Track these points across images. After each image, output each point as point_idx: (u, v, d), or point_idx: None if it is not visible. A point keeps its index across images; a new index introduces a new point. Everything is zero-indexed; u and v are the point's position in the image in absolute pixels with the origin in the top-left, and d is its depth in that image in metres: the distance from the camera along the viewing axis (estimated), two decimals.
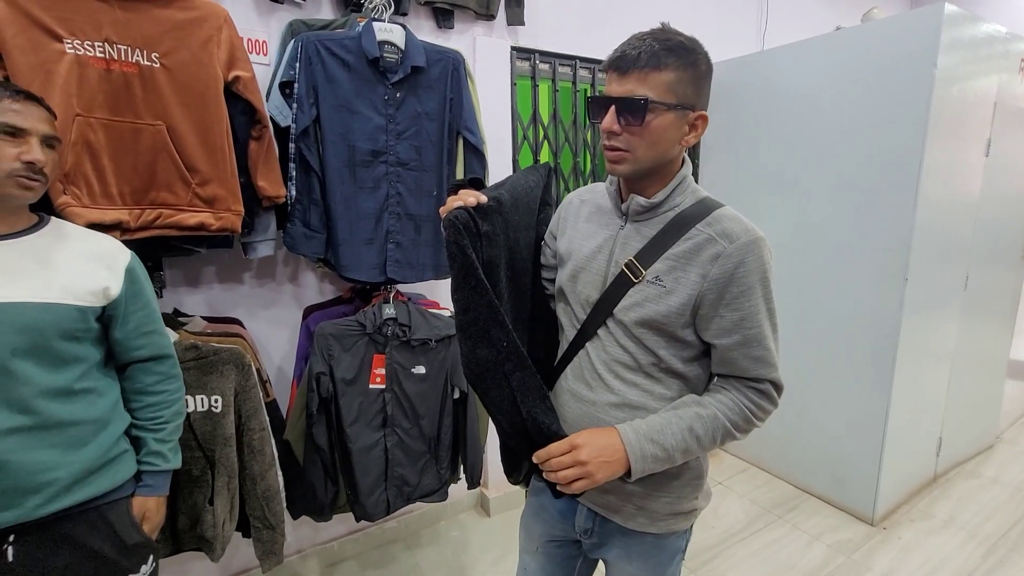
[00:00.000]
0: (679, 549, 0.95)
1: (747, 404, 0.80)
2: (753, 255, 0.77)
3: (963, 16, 1.83)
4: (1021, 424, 2.98)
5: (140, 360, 1.01)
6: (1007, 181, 2.30)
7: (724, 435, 0.80)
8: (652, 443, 0.77)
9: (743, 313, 0.77)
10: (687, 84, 0.75)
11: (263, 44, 1.50)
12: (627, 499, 0.87)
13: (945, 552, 1.95)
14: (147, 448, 1.01)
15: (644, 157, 0.78)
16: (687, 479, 0.88)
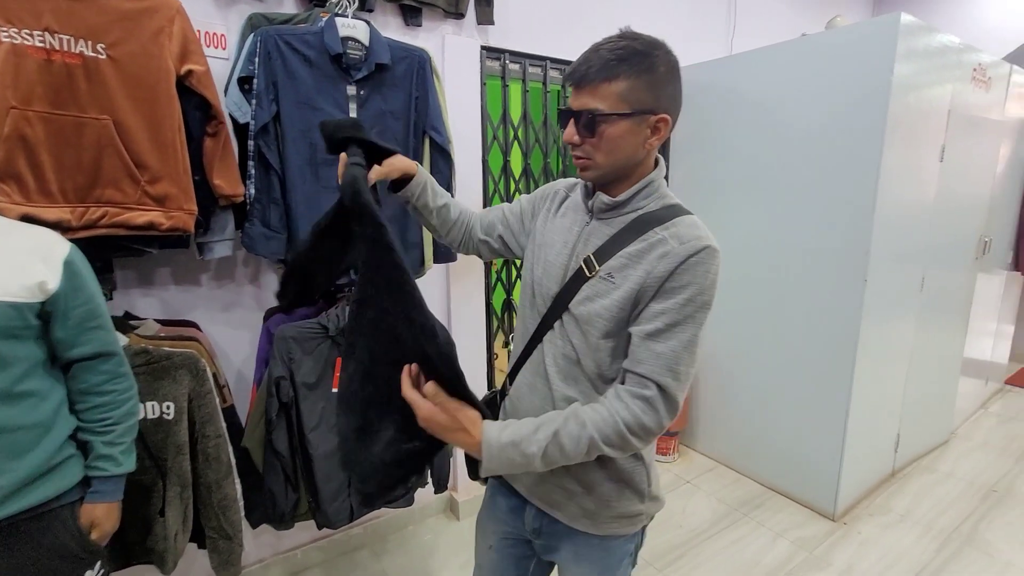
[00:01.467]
0: (627, 553, 0.95)
1: (624, 418, 0.75)
2: (697, 259, 0.76)
3: (919, 26, 1.89)
4: (974, 420, 3.11)
5: (84, 358, 0.96)
6: (960, 186, 2.38)
7: (593, 450, 0.76)
8: (512, 448, 0.75)
9: (667, 306, 0.76)
10: (642, 90, 0.76)
11: (221, 38, 1.45)
12: (569, 497, 0.89)
13: (902, 546, 2.01)
14: (95, 452, 0.97)
15: (604, 164, 0.80)
16: (621, 485, 0.88)
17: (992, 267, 2.92)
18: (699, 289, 0.76)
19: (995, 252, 2.89)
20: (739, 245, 2.38)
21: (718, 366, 2.55)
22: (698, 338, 0.77)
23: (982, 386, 3.24)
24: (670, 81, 0.79)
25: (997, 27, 3.22)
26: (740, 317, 2.42)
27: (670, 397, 0.76)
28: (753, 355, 2.39)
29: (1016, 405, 3.32)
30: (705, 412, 2.64)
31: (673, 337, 0.76)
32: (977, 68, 2.31)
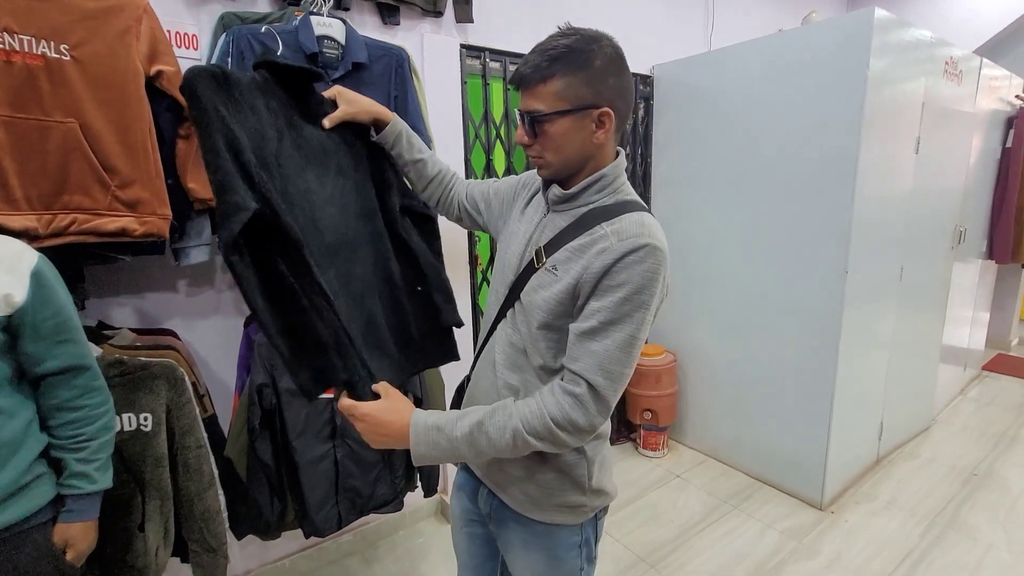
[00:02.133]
0: (574, 544, 0.94)
1: (552, 412, 0.75)
2: (635, 257, 0.74)
3: (892, 21, 1.92)
4: (954, 406, 3.18)
5: (55, 372, 0.92)
6: (935, 177, 2.43)
7: (519, 440, 0.76)
8: (437, 431, 0.78)
9: (603, 304, 0.75)
10: (579, 86, 0.76)
11: (193, 38, 1.41)
12: (513, 483, 0.90)
13: (888, 532, 2.04)
14: (69, 470, 0.93)
15: (555, 162, 0.82)
16: (562, 476, 0.88)
17: (967, 256, 2.99)
18: (635, 288, 0.75)
19: (970, 241, 2.95)
20: (722, 239, 2.39)
21: (704, 360, 2.57)
22: (637, 339, 0.76)
23: (961, 372, 3.31)
24: (611, 74, 0.78)
25: (967, 21, 3.29)
26: (725, 311, 2.43)
27: (600, 396, 0.75)
28: (738, 348, 2.41)
29: (993, 390, 3.40)
30: (693, 406, 2.66)
31: (608, 336, 0.75)
32: (949, 62, 2.35)
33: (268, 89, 0.93)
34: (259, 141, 0.86)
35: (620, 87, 0.80)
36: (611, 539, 2.02)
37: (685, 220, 2.54)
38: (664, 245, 0.78)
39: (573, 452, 0.87)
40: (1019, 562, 1.86)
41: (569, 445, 0.78)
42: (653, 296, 0.76)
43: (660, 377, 2.53)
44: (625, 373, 0.77)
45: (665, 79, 2.54)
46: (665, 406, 2.55)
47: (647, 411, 2.56)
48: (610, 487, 0.95)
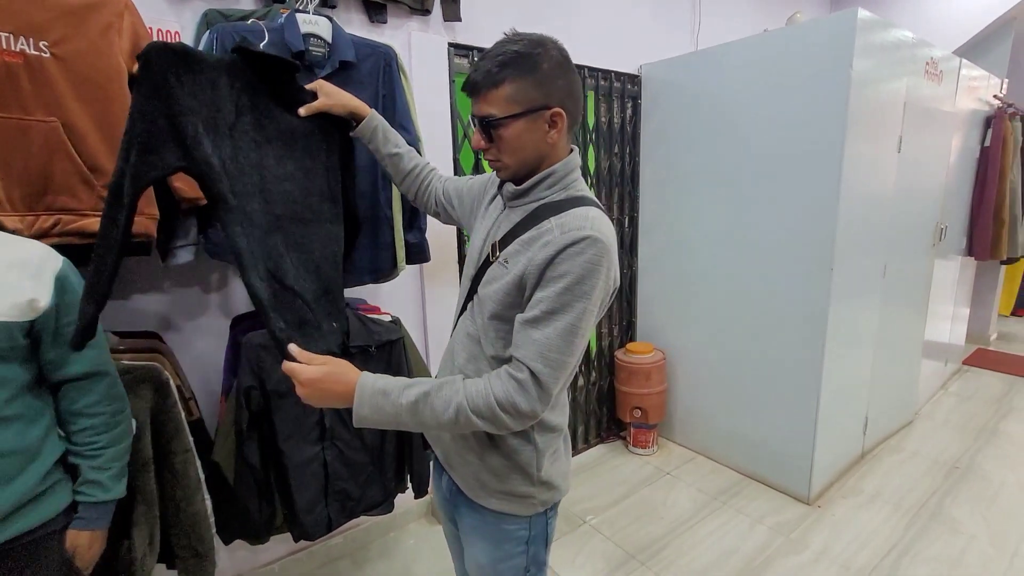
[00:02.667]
0: (520, 538, 0.95)
1: (496, 393, 0.78)
2: (575, 249, 0.77)
3: (875, 22, 1.95)
4: (936, 400, 3.24)
5: (75, 378, 0.92)
6: (916, 175, 2.48)
7: (461, 416, 0.79)
8: (383, 396, 0.80)
9: (545, 294, 0.78)
10: (530, 89, 0.80)
11: (175, 35, 1.39)
12: (466, 465, 0.94)
13: (873, 525, 2.07)
14: (83, 477, 0.93)
15: (513, 163, 0.86)
16: (511, 464, 0.90)
17: (948, 253, 3.05)
18: (576, 279, 0.77)
19: (951, 238, 3.01)
20: (710, 238, 2.41)
21: (693, 358, 2.59)
22: (579, 328, 0.78)
23: (942, 367, 3.38)
24: (559, 75, 0.82)
25: (947, 22, 3.35)
26: (713, 309, 2.46)
27: (541, 383, 0.78)
28: (726, 346, 2.43)
29: (973, 385, 3.47)
30: (682, 404, 2.68)
31: (549, 325, 0.78)
32: (930, 62, 2.40)
33: (236, 71, 1.00)
34: (213, 112, 0.95)
35: (568, 87, 0.84)
36: (602, 537, 2.03)
37: (673, 219, 2.56)
38: (607, 238, 0.80)
39: (524, 442, 0.90)
40: (1000, 553, 1.90)
41: (510, 427, 0.80)
42: (595, 287, 0.78)
43: (650, 375, 2.54)
44: (566, 361, 0.79)
45: (653, 79, 2.56)
46: (655, 404, 2.57)
47: (637, 409, 2.58)
48: (560, 482, 0.96)
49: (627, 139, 2.62)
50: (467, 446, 0.93)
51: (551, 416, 0.92)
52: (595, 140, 2.50)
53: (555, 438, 0.94)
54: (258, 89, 1.03)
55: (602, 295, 0.81)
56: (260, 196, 1.02)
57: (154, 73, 0.87)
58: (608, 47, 2.42)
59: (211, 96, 0.95)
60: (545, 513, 0.97)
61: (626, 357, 2.61)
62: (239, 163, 0.99)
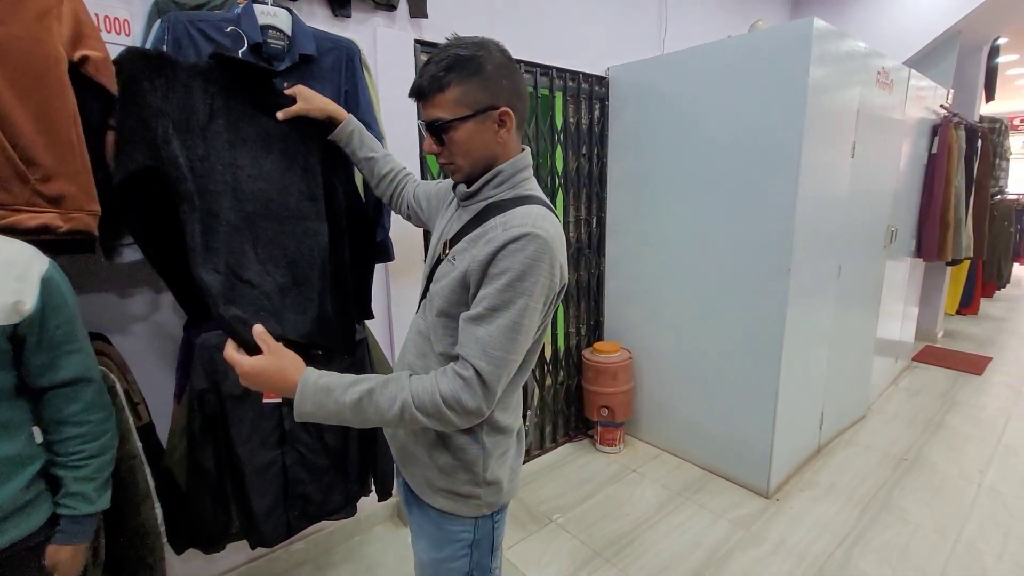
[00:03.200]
0: (466, 542, 0.95)
1: (442, 390, 0.78)
2: (516, 246, 0.78)
3: (830, 32, 2.02)
4: (888, 395, 3.39)
5: (61, 384, 0.88)
6: (869, 180, 2.58)
7: (406, 413, 0.79)
8: (325, 393, 0.80)
9: (488, 291, 0.79)
10: (476, 91, 0.82)
11: (124, 23, 1.33)
12: (415, 463, 0.95)
13: (828, 516, 2.15)
14: (66, 488, 0.90)
15: (465, 165, 0.87)
16: (456, 462, 0.91)
17: (899, 254, 3.19)
18: (517, 275, 0.77)
19: (901, 240, 3.16)
20: (674, 239, 2.46)
21: (659, 357, 2.64)
22: (520, 325, 0.78)
23: (893, 364, 3.54)
24: (503, 76, 0.83)
25: (897, 34, 3.51)
26: (677, 309, 2.50)
27: (485, 381, 0.78)
28: (689, 345, 2.48)
29: (921, 380, 3.65)
30: (648, 402, 2.72)
31: (491, 322, 0.78)
32: (881, 72, 2.50)
33: (212, 76, 1.07)
34: (185, 114, 1.03)
35: (514, 87, 0.85)
36: (568, 535, 2.05)
37: (639, 220, 2.60)
38: (549, 234, 0.80)
39: (471, 441, 0.90)
40: (944, 540, 2.00)
41: (456, 425, 0.81)
42: (536, 283, 0.78)
43: (616, 374, 2.58)
44: (508, 359, 0.79)
45: (620, 80, 2.59)
46: (621, 403, 2.60)
47: (604, 408, 2.60)
48: (507, 484, 0.96)
49: (595, 140, 2.64)
50: (416, 443, 0.94)
51: (501, 416, 0.92)
52: (563, 141, 2.51)
53: (505, 439, 0.94)
54: (233, 93, 1.09)
55: (546, 292, 0.81)
56: (232, 194, 1.08)
57: (126, 77, 0.95)
58: (576, 48, 2.44)
59: (184, 99, 1.03)
60: (491, 516, 0.97)
61: (593, 356, 2.64)
62: (210, 162, 1.05)
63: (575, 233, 2.63)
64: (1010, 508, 2.19)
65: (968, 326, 4.99)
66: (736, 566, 1.88)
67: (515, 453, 0.99)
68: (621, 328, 2.79)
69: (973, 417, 3.06)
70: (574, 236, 2.62)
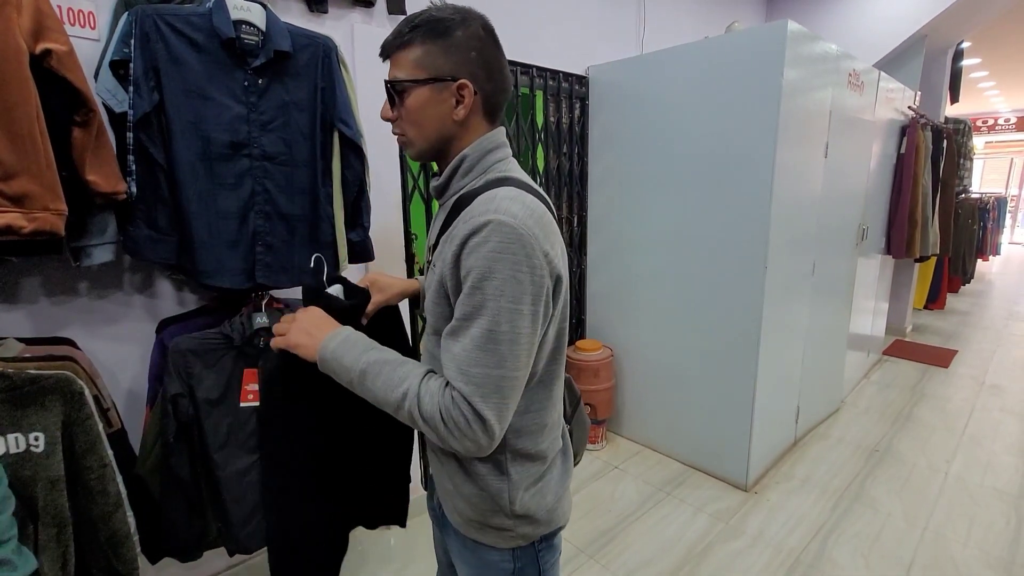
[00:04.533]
0: (507, 571, 0.84)
1: (446, 403, 0.68)
2: (477, 239, 0.66)
3: (804, 34, 2.06)
4: (859, 389, 3.48)
5: None
6: (841, 180, 2.65)
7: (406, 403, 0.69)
8: (351, 345, 0.75)
9: (460, 299, 0.68)
10: (437, 55, 0.73)
11: (89, 15, 1.28)
12: (445, 493, 0.86)
13: (804, 508, 2.21)
14: None
15: (417, 138, 0.78)
16: (484, 495, 0.80)
17: (869, 252, 3.28)
18: (481, 275, 0.65)
19: (871, 238, 3.25)
20: (653, 238, 2.48)
21: (639, 354, 2.66)
22: (498, 334, 0.65)
23: (864, 358, 3.64)
24: (473, 47, 0.74)
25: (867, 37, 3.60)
26: (657, 306, 2.53)
27: (473, 407, 0.66)
28: (669, 341, 2.51)
29: (892, 373, 3.76)
30: (629, 398, 2.75)
31: (465, 334, 0.67)
32: (852, 74, 2.56)
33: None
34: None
35: (484, 62, 0.75)
36: None
37: (619, 219, 2.61)
38: (519, 218, 0.66)
39: (495, 472, 0.79)
40: (913, 528, 2.07)
41: (451, 447, 0.70)
42: (510, 282, 0.65)
43: (598, 372, 2.59)
44: (491, 375, 0.66)
45: (599, 80, 2.60)
46: (603, 400, 2.62)
47: (586, 405, 2.62)
48: (545, 515, 0.83)
49: (575, 139, 2.65)
50: (444, 472, 0.84)
51: (526, 443, 0.79)
52: (544, 140, 2.51)
53: (537, 467, 0.81)
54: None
55: (530, 288, 0.66)
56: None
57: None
58: (557, 47, 2.44)
59: None
60: (533, 546, 0.84)
61: (575, 354, 2.65)
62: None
63: None
64: (974, 496, 2.27)
65: (935, 320, 5.16)
66: (716, 559, 1.91)
67: (559, 478, 0.85)
68: (602, 326, 2.81)
69: (940, 409, 3.17)
70: None
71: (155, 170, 1.20)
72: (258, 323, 1.33)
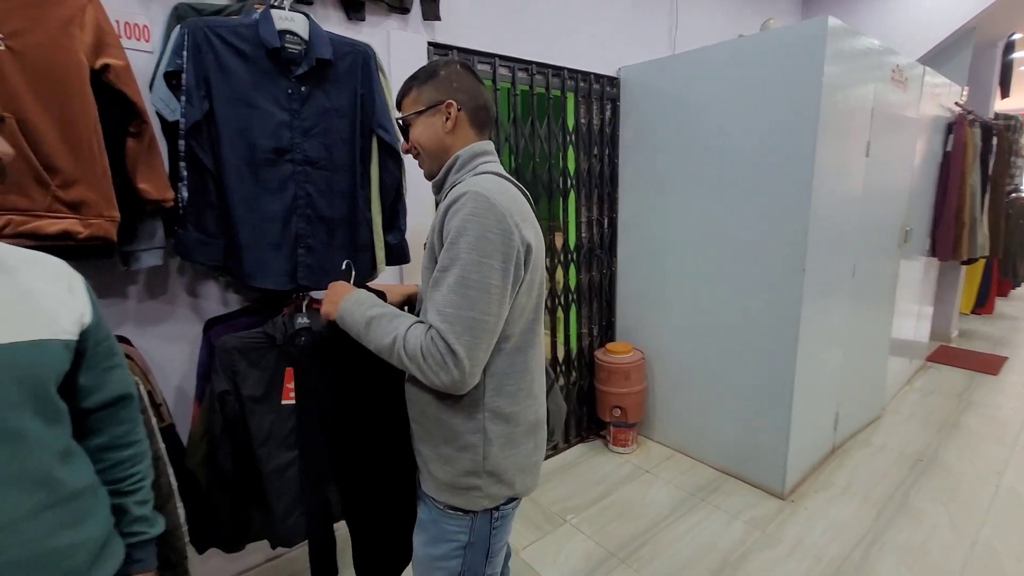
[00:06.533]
0: (459, 543, 0.98)
1: (424, 342, 0.83)
2: (457, 205, 0.83)
3: (844, 30, 2.00)
4: (902, 395, 3.35)
5: (104, 405, 0.81)
6: (884, 179, 2.56)
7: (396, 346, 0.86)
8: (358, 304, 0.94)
9: (440, 256, 0.84)
10: (428, 90, 0.96)
11: (144, 29, 1.35)
12: (425, 460, 0.99)
13: (844, 517, 2.14)
14: (130, 515, 0.83)
15: (426, 157, 0.99)
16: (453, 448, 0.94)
17: (913, 254, 3.16)
18: (458, 231, 0.81)
19: (915, 240, 3.12)
20: (686, 239, 2.45)
21: (671, 357, 2.63)
22: (469, 280, 0.80)
23: (908, 364, 3.50)
24: (454, 78, 0.97)
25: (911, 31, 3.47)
26: (690, 309, 2.49)
27: (447, 343, 0.81)
28: (702, 344, 2.47)
29: (936, 380, 3.61)
30: (660, 402, 2.71)
31: (443, 283, 0.82)
32: (895, 69, 2.48)
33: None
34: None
35: (463, 86, 0.96)
36: (582, 536, 2.04)
37: (651, 220, 2.59)
38: (492, 193, 0.83)
39: (474, 429, 0.92)
40: (960, 540, 1.98)
41: (432, 381, 0.84)
42: (482, 239, 0.80)
43: (629, 374, 2.57)
44: (462, 315, 0.80)
45: (631, 81, 2.58)
46: (634, 403, 2.60)
47: (616, 408, 2.60)
48: (511, 476, 0.96)
49: (606, 141, 2.64)
50: (429, 440, 0.97)
51: (503, 403, 0.93)
52: (574, 141, 2.51)
53: (509, 428, 0.94)
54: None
55: (500, 248, 0.82)
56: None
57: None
58: (587, 49, 2.43)
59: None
60: (490, 519, 0.97)
61: (605, 357, 2.63)
62: None
63: (587, 234, 2.63)
64: None
65: (983, 325, 4.92)
66: (752, 567, 1.87)
67: (529, 448, 0.98)
68: (633, 328, 2.78)
69: (989, 417, 3.02)
70: (586, 237, 2.62)
71: (204, 176, 1.25)
72: (299, 323, 1.36)
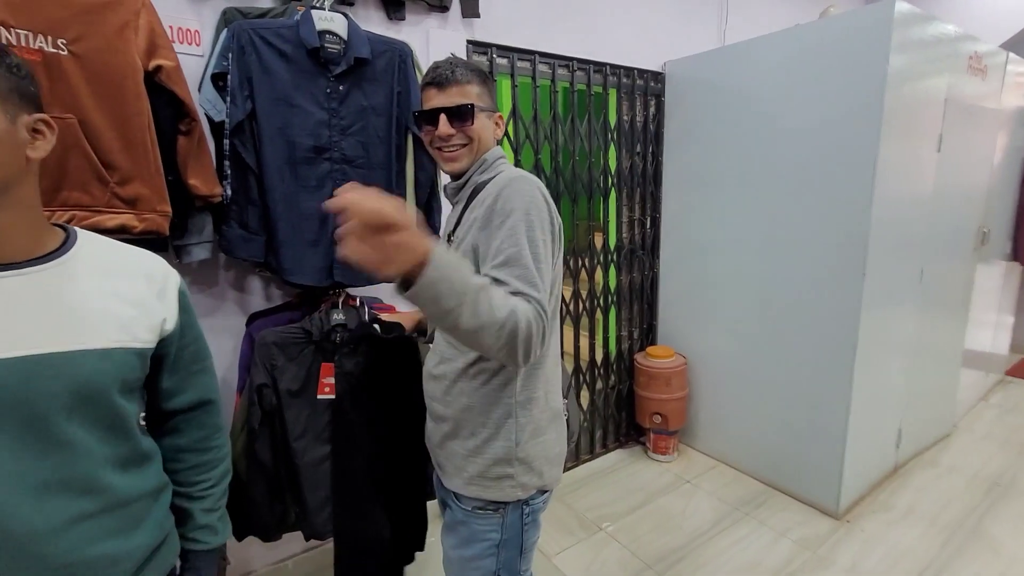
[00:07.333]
0: (494, 541, 0.97)
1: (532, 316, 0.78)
2: (510, 188, 0.87)
3: (914, 15, 1.85)
4: (976, 412, 3.07)
5: (186, 408, 0.82)
6: (958, 176, 2.35)
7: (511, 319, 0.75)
8: (454, 269, 0.70)
9: (503, 234, 0.85)
10: (486, 94, 0.99)
11: (195, 33, 1.40)
12: (449, 457, 0.99)
13: (906, 543, 1.97)
14: (193, 521, 0.83)
15: (472, 151, 0.98)
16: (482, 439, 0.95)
17: (991, 258, 2.89)
18: (524, 212, 0.85)
19: (994, 242, 2.86)
20: (734, 240, 2.34)
21: (716, 363, 2.51)
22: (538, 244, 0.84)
23: (983, 377, 3.21)
24: (494, 92, 1.04)
25: (992, 15, 3.18)
26: (737, 313, 2.38)
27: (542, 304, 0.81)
28: (751, 351, 2.35)
29: (1016, 396, 3.29)
30: (704, 410, 2.60)
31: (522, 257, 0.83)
32: (973, 57, 2.27)
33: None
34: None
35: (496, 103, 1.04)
36: (618, 545, 1.98)
37: (696, 219, 2.48)
38: (530, 177, 0.91)
39: (505, 415, 0.94)
40: None
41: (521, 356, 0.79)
42: (532, 203, 0.86)
43: (670, 380, 2.48)
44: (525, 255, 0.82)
45: (677, 76, 2.49)
46: (675, 410, 2.50)
47: (657, 414, 2.51)
48: (542, 466, 0.97)
49: (649, 138, 2.56)
50: (458, 436, 0.98)
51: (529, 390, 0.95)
52: (616, 139, 2.44)
53: (536, 417, 0.97)
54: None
55: (546, 216, 0.88)
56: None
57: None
58: (631, 43, 2.37)
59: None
60: (521, 515, 0.98)
61: (646, 361, 2.55)
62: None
63: (628, 234, 2.55)
64: None
65: None
66: None
67: (552, 437, 1.00)
68: (675, 332, 2.68)
69: None
70: (627, 237, 2.55)
71: (247, 174, 1.29)
72: (335, 320, 1.38)
